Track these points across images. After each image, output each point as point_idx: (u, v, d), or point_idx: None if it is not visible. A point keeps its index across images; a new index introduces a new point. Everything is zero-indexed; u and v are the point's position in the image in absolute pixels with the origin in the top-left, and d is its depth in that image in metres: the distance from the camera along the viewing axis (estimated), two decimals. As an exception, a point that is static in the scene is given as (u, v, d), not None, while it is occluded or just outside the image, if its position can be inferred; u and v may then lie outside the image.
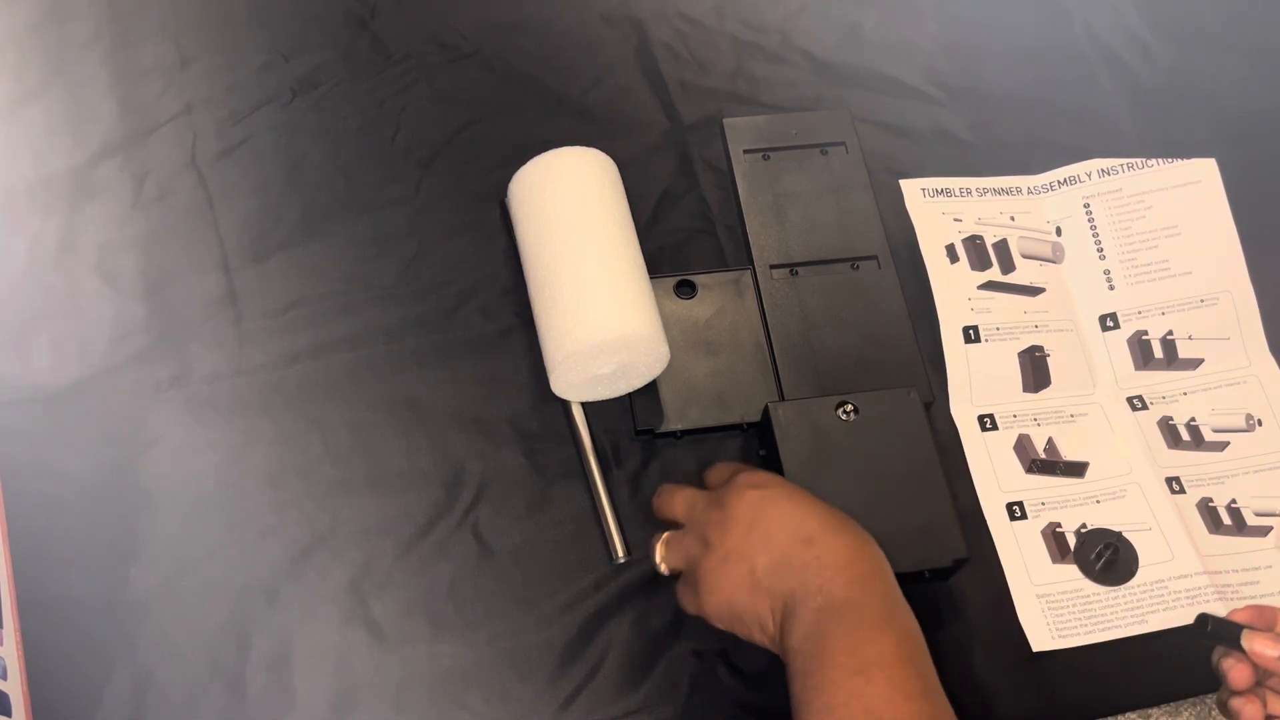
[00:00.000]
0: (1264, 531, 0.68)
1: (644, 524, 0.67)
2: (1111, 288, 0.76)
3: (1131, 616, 0.65)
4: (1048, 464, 0.70)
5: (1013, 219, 0.77)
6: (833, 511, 0.56)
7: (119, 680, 0.61)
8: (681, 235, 0.78)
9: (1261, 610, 0.58)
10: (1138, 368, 0.74)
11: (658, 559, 0.60)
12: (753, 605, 0.54)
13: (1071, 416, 0.72)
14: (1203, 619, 0.59)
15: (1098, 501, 0.69)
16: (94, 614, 0.63)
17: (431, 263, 0.76)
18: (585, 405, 0.70)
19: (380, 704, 0.61)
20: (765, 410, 0.67)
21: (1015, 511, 0.68)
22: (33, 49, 0.83)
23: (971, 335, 0.73)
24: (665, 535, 0.60)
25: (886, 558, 0.55)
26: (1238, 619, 0.58)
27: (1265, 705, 0.56)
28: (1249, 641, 0.56)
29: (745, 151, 0.79)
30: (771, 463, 0.66)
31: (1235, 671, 0.56)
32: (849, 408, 0.66)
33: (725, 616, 0.55)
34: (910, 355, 0.72)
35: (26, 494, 0.65)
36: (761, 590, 0.53)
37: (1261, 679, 0.57)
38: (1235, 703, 0.57)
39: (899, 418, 0.66)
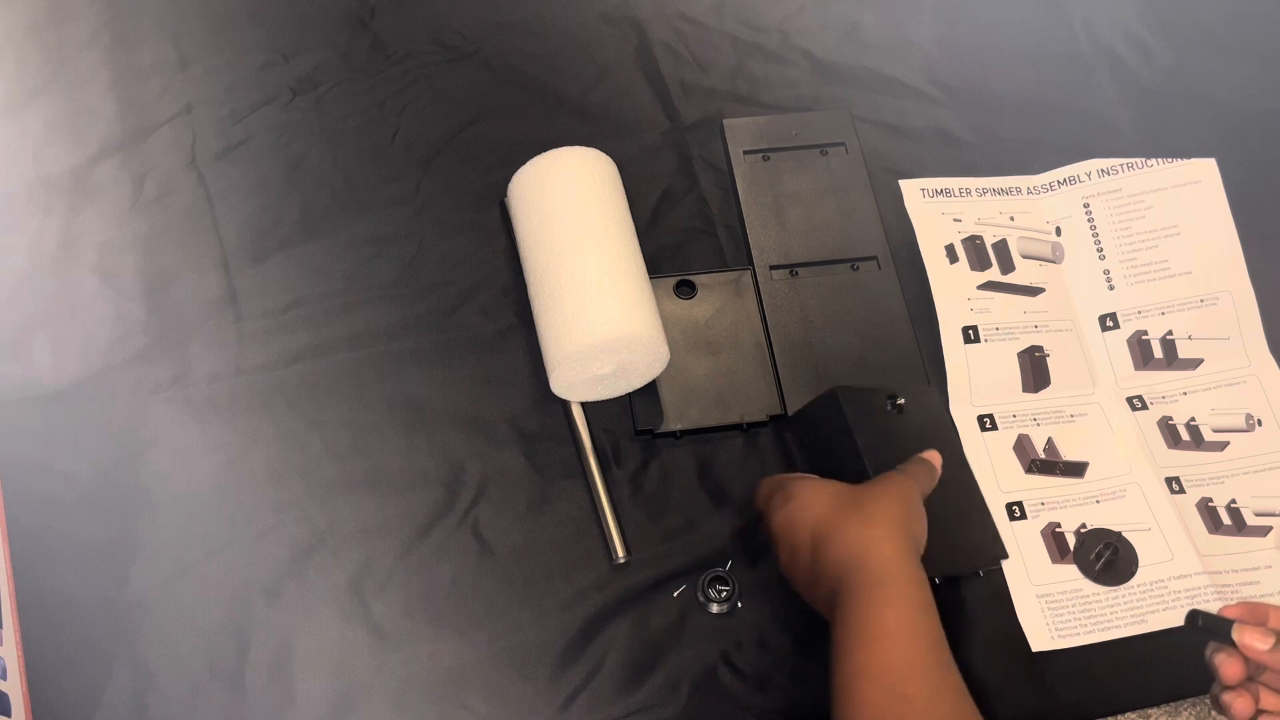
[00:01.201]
0: (1264, 531, 0.68)
1: (644, 524, 0.67)
2: (1111, 288, 0.76)
3: (1131, 616, 0.65)
4: (1047, 464, 0.70)
5: (1012, 219, 0.77)
6: (841, 502, 0.59)
7: (119, 680, 0.61)
8: (681, 235, 0.78)
9: (1253, 607, 0.58)
10: (1137, 368, 0.74)
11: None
12: (817, 607, 0.58)
13: (1071, 416, 0.72)
14: (1193, 615, 0.59)
15: (1097, 501, 0.69)
16: (94, 614, 0.63)
17: (431, 263, 0.76)
18: (585, 405, 0.70)
19: (380, 704, 0.61)
20: (815, 402, 0.66)
21: (1015, 511, 0.68)
22: (32, 49, 0.83)
23: (971, 335, 0.73)
24: None
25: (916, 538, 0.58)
26: (1229, 615, 0.58)
27: (1256, 700, 0.56)
28: (1239, 634, 0.56)
29: (745, 152, 0.79)
30: (819, 453, 0.66)
31: (1226, 666, 0.57)
32: (900, 401, 0.66)
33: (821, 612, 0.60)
34: (910, 355, 0.72)
35: (26, 494, 0.65)
36: (814, 600, 0.59)
37: (1253, 674, 0.57)
38: (1227, 697, 0.57)
39: (932, 415, 0.66)
